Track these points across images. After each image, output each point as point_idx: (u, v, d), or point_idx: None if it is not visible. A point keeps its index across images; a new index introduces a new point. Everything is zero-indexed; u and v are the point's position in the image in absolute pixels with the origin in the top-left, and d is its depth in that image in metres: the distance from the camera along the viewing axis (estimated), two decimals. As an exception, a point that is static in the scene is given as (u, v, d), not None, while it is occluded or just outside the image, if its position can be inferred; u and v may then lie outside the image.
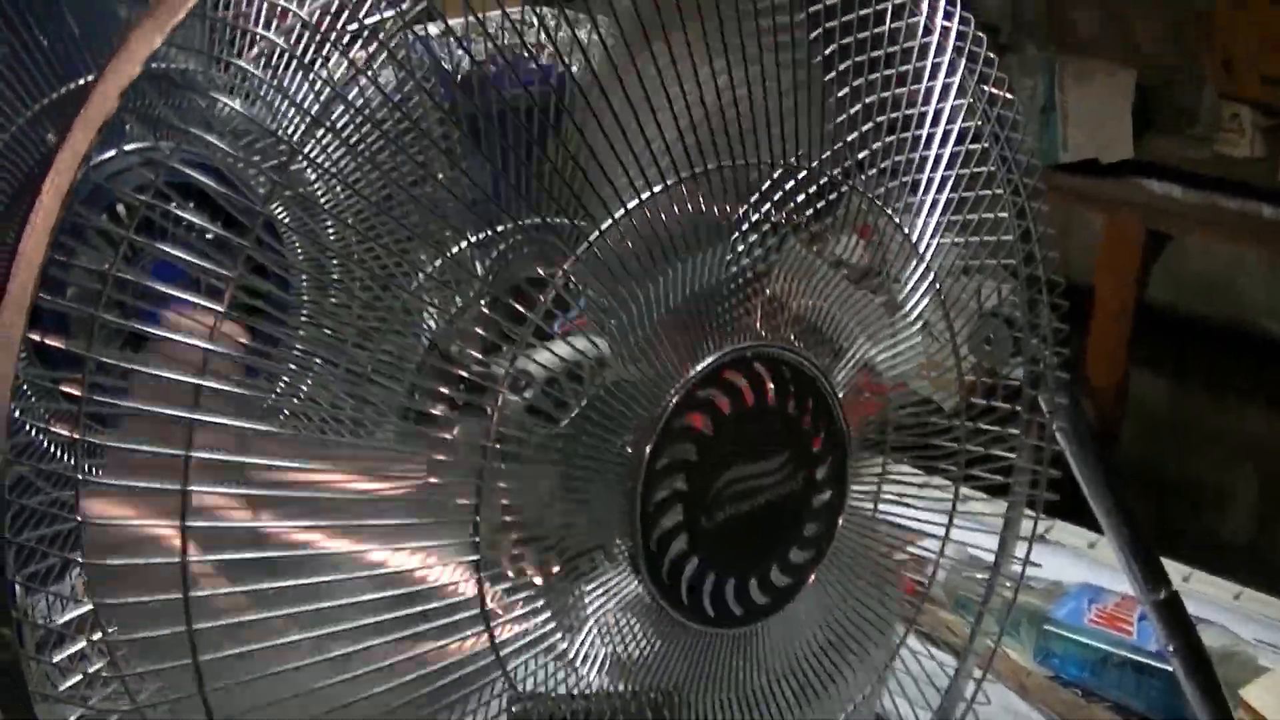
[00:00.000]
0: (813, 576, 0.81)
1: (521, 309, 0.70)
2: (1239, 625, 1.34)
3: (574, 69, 0.67)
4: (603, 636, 0.75)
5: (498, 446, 0.69)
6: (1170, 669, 1.20)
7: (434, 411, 0.69)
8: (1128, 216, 2.53)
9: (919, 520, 0.90)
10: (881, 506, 0.87)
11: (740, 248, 0.76)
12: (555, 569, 0.72)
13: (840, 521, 0.81)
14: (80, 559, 0.64)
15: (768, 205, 0.77)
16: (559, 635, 0.74)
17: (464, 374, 0.70)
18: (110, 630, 0.66)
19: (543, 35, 0.67)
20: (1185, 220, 2.54)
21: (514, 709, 0.85)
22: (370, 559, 0.69)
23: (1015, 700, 1.24)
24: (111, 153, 0.91)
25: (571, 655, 0.74)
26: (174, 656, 0.64)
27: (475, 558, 0.69)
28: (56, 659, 0.70)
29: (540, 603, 0.73)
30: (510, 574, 0.72)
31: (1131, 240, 2.51)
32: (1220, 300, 2.92)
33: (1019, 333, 0.94)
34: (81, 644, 0.68)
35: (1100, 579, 1.37)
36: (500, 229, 0.73)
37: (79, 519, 0.63)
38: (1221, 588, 1.49)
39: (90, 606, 0.66)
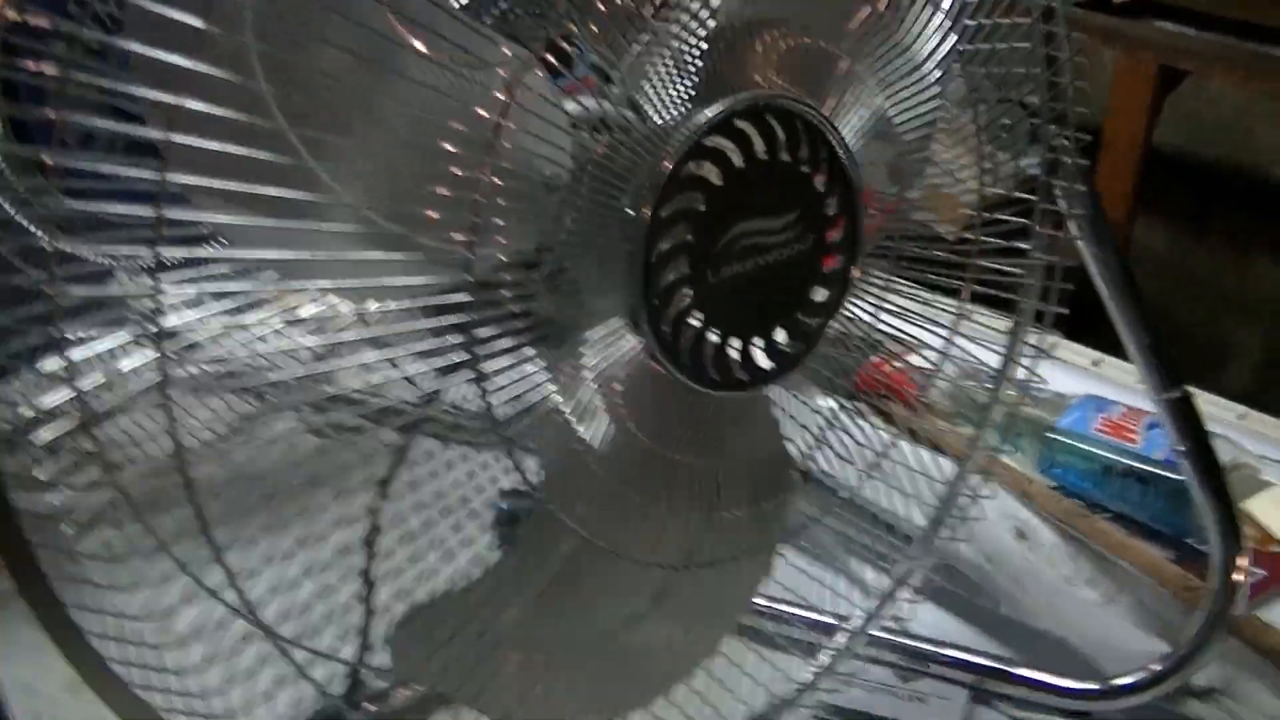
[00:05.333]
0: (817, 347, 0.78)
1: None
2: (1244, 442, 1.32)
3: None
4: (601, 394, 0.72)
5: (498, 182, 0.65)
6: (1176, 479, 1.19)
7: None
8: (1140, 52, 2.47)
9: (922, 330, 0.88)
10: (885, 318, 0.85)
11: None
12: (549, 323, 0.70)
13: (850, 288, 0.78)
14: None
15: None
16: (554, 390, 0.71)
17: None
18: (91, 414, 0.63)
19: None
20: (1200, 57, 2.48)
21: (501, 506, 0.82)
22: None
23: (1017, 506, 1.22)
24: None
25: (568, 411, 0.72)
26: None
27: (467, 297, 0.65)
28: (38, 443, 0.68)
29: (534, 354, 0.70)
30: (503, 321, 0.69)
31: (1144, 75, 2.45)
32: (1234, 146, 2.86)
33: (1036, 119, 0.91)
34: (63, 429, 0.66)
35: (1106, 394, 1.35)
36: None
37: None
38: (1226, 408, 1.46)
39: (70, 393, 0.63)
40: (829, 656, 0.98)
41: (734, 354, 0.74)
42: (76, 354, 0.64)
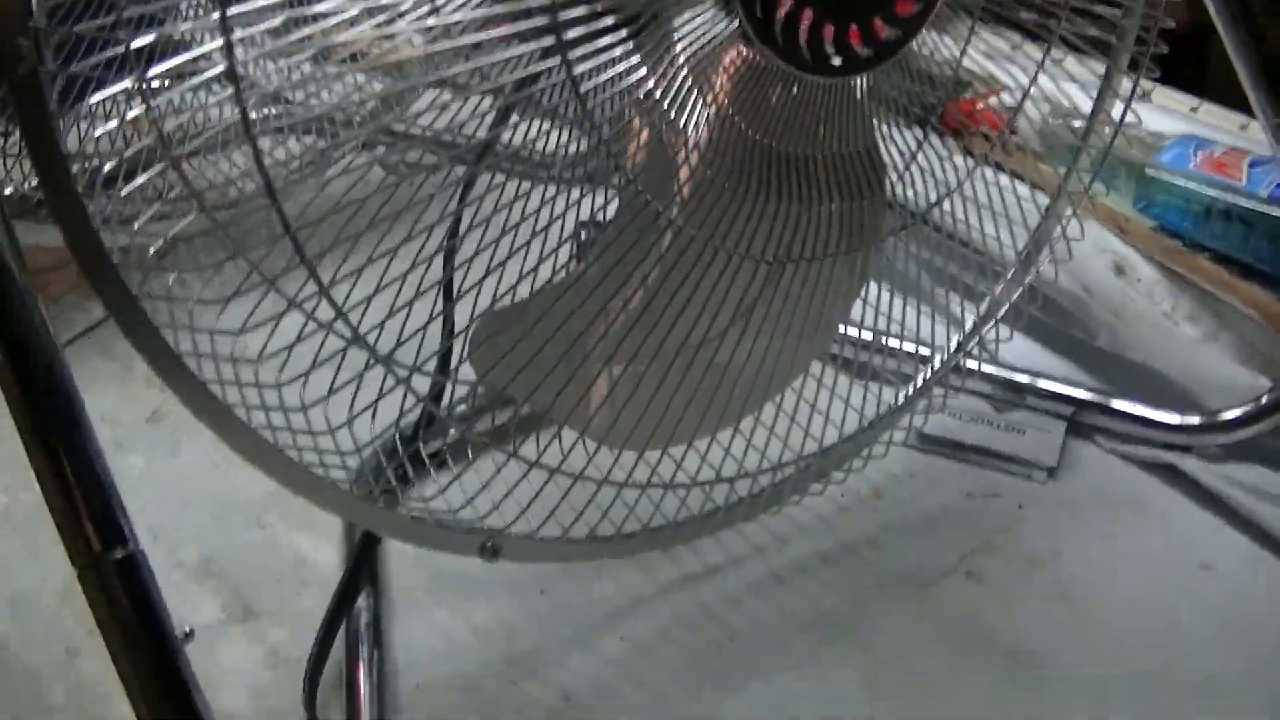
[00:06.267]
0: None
1: None
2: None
3: None
4: (695, 80, 0.69)
5: None
6: (1281, 216, 1.14)
7: None
8: None
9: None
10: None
11: None
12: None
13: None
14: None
15: None
16: (644, 71, 0.67)
17: None
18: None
19: None
20: None
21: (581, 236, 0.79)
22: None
23: (1113, 240, 1.18)
24: None
25: (658, 94, 0.68)
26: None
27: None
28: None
29: (623, 33, 0.66)
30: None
31: None
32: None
33: None
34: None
35: (1206, 135, 1.29)
36: None
37: None
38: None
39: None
40: (921, 382, 0.95)
41: (829, 36, 0.69)
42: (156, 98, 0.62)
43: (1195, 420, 1.03)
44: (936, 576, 0.92)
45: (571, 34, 0.64)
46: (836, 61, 0.71)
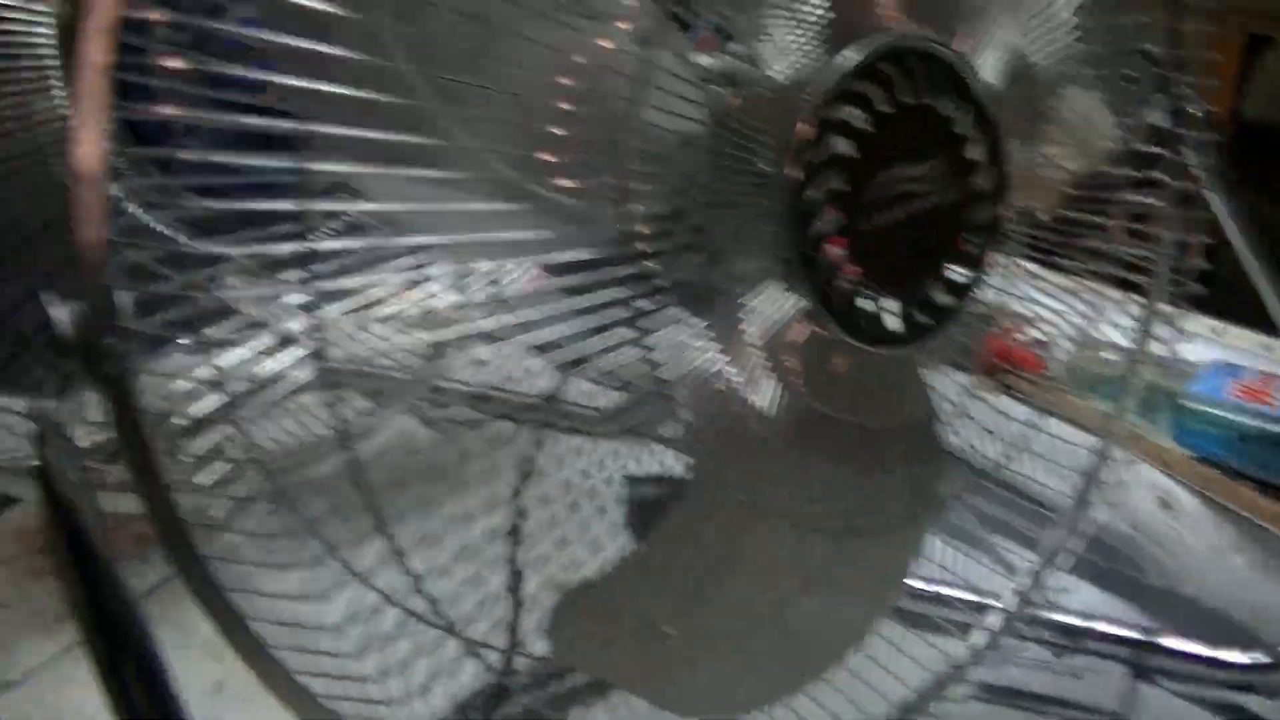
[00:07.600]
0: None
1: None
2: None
3: None
4: (768, 360, 0.69)
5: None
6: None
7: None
8: (1227, 18, 2.43)
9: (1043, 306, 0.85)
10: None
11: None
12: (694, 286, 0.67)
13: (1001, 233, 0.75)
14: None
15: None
16: (719, 349, 0.68)
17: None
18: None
19: None
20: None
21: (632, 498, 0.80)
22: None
23: (1157, 475, 1.18)
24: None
25: (734, 376, 0.69)
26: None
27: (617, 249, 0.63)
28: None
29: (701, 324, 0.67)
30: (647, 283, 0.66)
31: (1229, 43, 2.40)
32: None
33: (1161, 68, 0.88)
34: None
35: (1234, 360, 1.31)
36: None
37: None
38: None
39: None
40: (984, 636, 0.94)
41: (891, 309, 0.70)
42: (222, 359, 0.63)
43: (1259, 658, 1.02)
44: (1012, 830, 0.91)
45: (645, 323, 0.65)
46: (900, 331, 0.71)
